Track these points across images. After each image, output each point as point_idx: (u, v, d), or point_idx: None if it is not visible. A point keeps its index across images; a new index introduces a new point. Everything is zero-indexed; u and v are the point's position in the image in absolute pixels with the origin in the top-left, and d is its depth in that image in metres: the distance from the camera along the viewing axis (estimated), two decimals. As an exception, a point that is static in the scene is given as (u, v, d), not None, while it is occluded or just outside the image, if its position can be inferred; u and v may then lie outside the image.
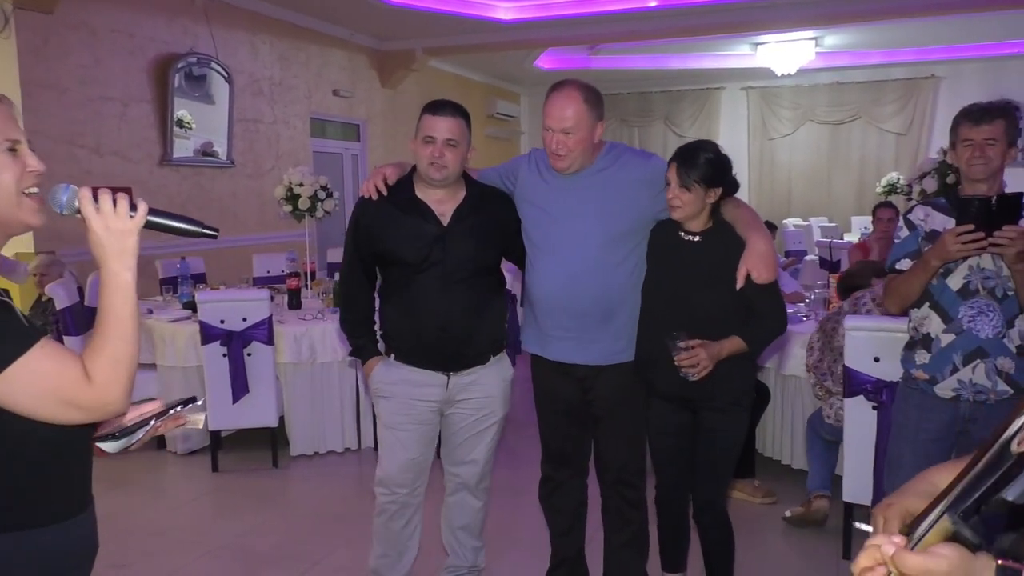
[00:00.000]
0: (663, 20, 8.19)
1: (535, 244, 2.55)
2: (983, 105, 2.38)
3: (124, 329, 1.28)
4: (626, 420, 2.62)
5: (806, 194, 12.15)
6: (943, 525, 0.84)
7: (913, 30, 9.26)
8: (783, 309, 2.48)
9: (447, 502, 2.81)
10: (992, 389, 2.38)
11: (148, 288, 5.88)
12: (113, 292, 1.28)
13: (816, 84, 11.73)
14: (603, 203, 2.46)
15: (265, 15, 7.47)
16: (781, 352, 4.05)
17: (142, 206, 1.31)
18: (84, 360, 1.25)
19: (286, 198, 5.56)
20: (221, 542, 3.58)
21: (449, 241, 2.48)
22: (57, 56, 5.55)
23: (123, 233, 1.29)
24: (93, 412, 1.27)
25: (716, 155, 2.40)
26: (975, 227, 2.21)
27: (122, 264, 1.29)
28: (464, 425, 2.66)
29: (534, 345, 2.65)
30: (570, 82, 2.44)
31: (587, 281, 2.46)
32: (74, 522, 1.37)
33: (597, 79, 12.52)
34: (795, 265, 7.84)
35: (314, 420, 4.63)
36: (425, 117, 2.47)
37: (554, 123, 2.39)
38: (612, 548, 2.76)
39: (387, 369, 2.61)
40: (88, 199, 1.29)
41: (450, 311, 2.49)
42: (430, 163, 2.44)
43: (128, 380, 1.28)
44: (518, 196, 2.60)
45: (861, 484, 3.19)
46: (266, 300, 4.40)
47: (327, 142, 8.80)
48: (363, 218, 2.57)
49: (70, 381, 1.23)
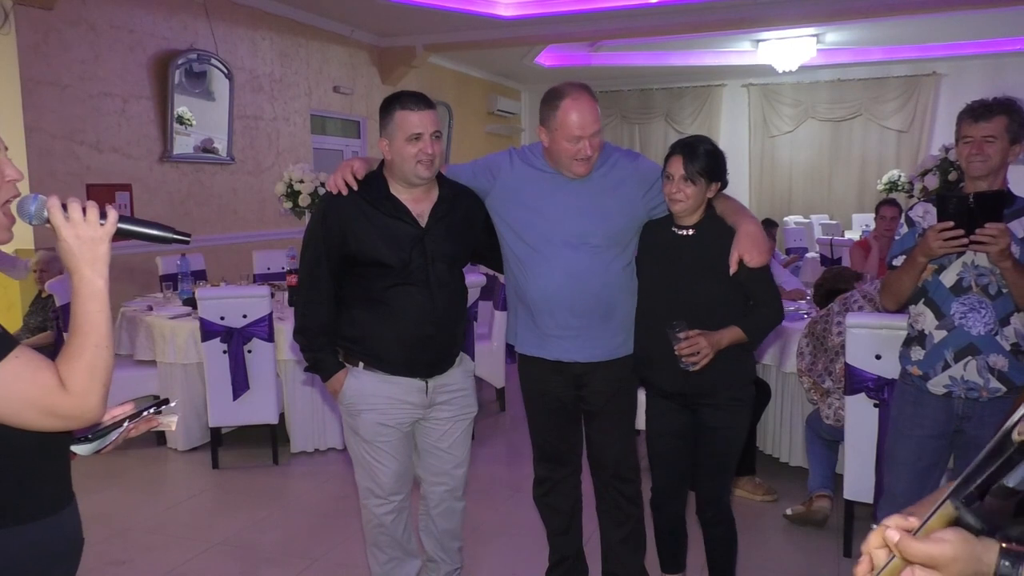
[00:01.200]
0: (664, 16, 8.18)
1: (530, 245, 2.48)
2: (985, 102, 2.37)
3: (99, 336, 1.28)
4: (619, 414, 2.61)
5: (807, 191, 12.14)
6: (946, 511, 0.85)
7: (914, 27, 9.25)
8: (779, 297, 2.49)
9: (431, 514, 2.68)
10: (984, 387, 2.38)
11: (148, 285, 5.88)
12: (87, 299, 1.29)
13: (817, 81, 11.72)
14: (603, 202, 2.45)
15: (265, 11, 7.46)
16: (782, 349, 4.05)
17: (112, 213, 1.32)
18: (59, 368, 1.25)
19: (286, 195, 5.56)
20: (221, 538, 3.58)
21: (428, 242, 2.38)
22: (57, 52, 5.54)
23: (94, 241, 1.29)
24: (71, 420, 1.28)
25: (715, 148, 2.41)
26: (955, 224, 2.22)
27: (95, 271, 1.29)
28: (446, 430, 2.56)
29: (530, 346, 2.59)
30: (583, 87, 2.41)
31: (589, 280, 2.45)
32: (57, 518, 1.36)
33: (598, 76, 12.55)
34: (796, 262, 7.84)
35: (314, 417, 4.63)
36: (403, 113, 2.31)
37: (583, 130, 2.35)
38: (611, 544, 2.75)
39: (358, 381, 2.45)
40: (57, 208, 1.28)
41: (435, 317, 2.40)
42: (418, 161, 2.31)
43: (105, 387, 1.28)
44: (500, 197, 2.52)
45: (862, 482, 3.19)
46: (266, 297, 4.39)
47: (327, 139, 8.79)
48: (333, 216, 2.38)
49: (46, 390, 1.22)
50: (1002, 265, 2.26)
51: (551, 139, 2.41)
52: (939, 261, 2.40)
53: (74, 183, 5.60)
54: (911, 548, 0.84)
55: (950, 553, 0.83)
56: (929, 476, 2.50)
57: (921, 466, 2.49)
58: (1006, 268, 2.26)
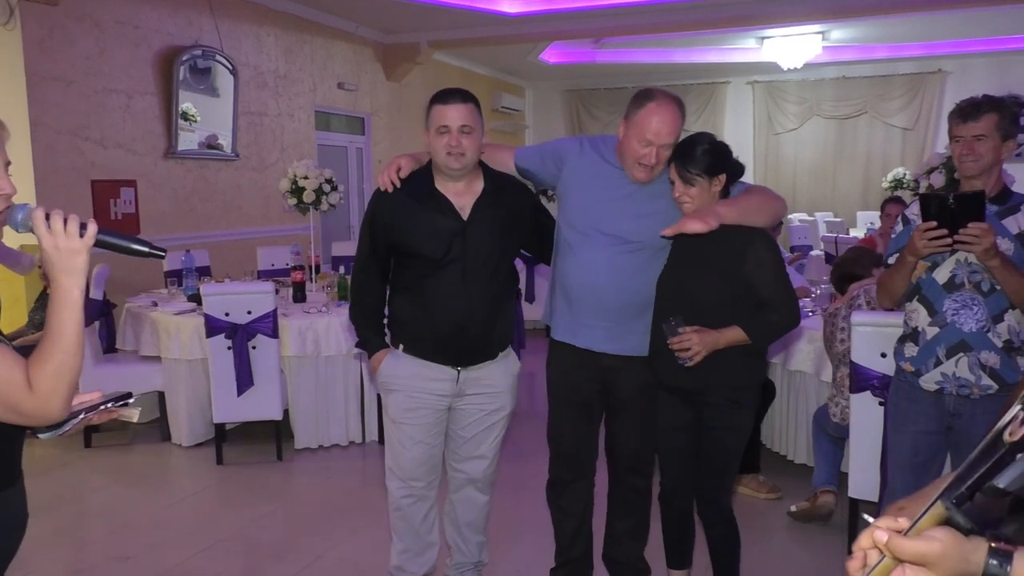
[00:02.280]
0: (668, 14, 8.16)
1: (581, 233, 2.52)
2: (975, 100, 2.37)
3: (69, 343, 1.33)
4: (642, 411, 2.63)
5: (812, 189, 12.12)
6: (937, 510, 0.87)
7: (920, 24, 9.21)
8: (793, 303, 2.42)
9: (452, 499, 2.77)
10: (975, 383, 2.38)
11: (153, 281, 5.88)
12: (61, 308, 1.34)
13: (822, 78, 11.69)
14: (656, 206, 2.47)
15: (270, 8, 7.46)
16: (787, 347, 4.04)
17: (91, 227, 1.37)
18: (29, 369, 1.31)
19: (291, 191, 5.56)
20: (225, 534, 3.58)
21: (469, 235, 2.46)
22: (62, 48, 5.55)
23: (72, 252, 1.35)
24: (32, 419, 1.35)
25: (712, 144, 2.40)
26: (938, 224, 2.23)
27: (71, 281, 1.35)
28: (473, 420, 2.64)
29: (564, 333, 2.62)
30: (669, 96, 2.41)
31: (631, 276, 2.48)
32: (10, 492, 1.45)
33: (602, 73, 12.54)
34: (800, 260, 7.83)
35: (318, 413, 4.64)
36: (436, 108, 2.43)
37: (657, 138, 2.37)
38: (615, 534, 2.79)
39: (395, 362, 2.58)
40: (40, 219, 1.34)
41: (469, 308, 2.47)
42: (447, 152, 2.40)
43: (69, 391, 1.34)
44: (566, 182, 2.57)
45: (867, 480, 3.18)
46: (271, 293, 4.39)
47: (332, 135, 8.79)
48: (380, 211, 2.54)
49: (14, 387, 1.29)
50: (989, 263, 2.27)
51: (626, 135, 2.44)
52: (932, 259, 2.41)
53: (79, 179, 5.61)
54: (902, 547, 0.86)
55: (940, 551, 0.85)
56: (927, 471, 2.51)
57: (918, 461, 2.51)
58: (994, 266, 2.27)
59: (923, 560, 0.85)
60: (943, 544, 0.85)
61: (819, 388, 3.95)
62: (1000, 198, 2.41)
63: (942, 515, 0.87)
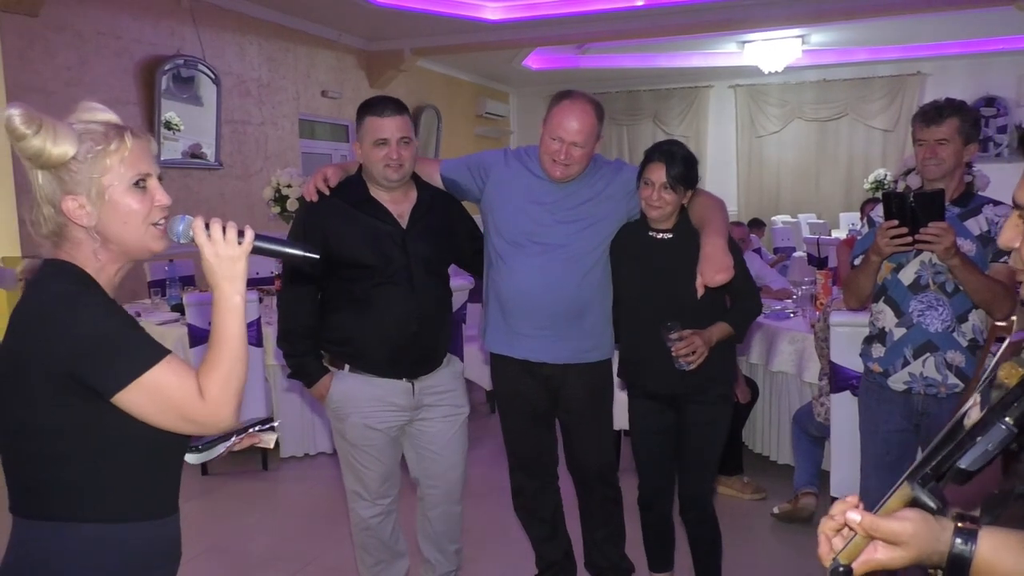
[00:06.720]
0: (650, 19, 8.21)
1: (511, 243, 2.50)
2: (937, 104, 2.41)
3: (235, 348, 1.35)
4: (596, 419, 2.63)
5: (794, 191, 12.19)
6: (903, 491, 0.93)
7: (899, 27, 9.31)
8: (755, 288, 2.57)
9: (428, 516, 2.69)
10: (942, 383, 2.43)
11: (136, 291, 5.86)
12: (226, 314, 1.36)
13: (803, 82, 11.77)
14: (589, 211, 2.49)
15: (252, 16, 7.45)
16: (769, 348, 4.08)
17: (249, 233, 1.39)
18: (199, 377, 1.33)
19: (275, 199, 5.55)
20: (211, 544, 3.57)
21: (410, 242, 2.42)
22: (43, 59, 5.53)
23: (232, 259, 1.37)
24: (204, 427, 1.36)
25: (690, 154, 2.44)
26: (900, 223, 2.27)
27: (233, 288, 1.37)
28: (438, 431, 2.58)
29: (500, 344, 2.60)
30: (584, 96, 2.45)
31: (564, 283, 2.47)
32: (156, 524, 1.42)
33: (585, 78, 12.56)
34: (783, 262, 7.88)
35: (304, 421, 4.63)
36: (371, 119, 2.38)
37: (566, 135, 2.39)
38: (595, 542, 2.79)
39: (344, 385, 2.47)
40: (201, 229, 1.36)
41: (420, 315, 2.43)
42: (386, 165, 2.37)
43: (238, 398, 1.35)
44: (491, 193, 2.55)
45: (848, 479, 3.20)
46: (254, 302, 4.39)
47: (316, 143, 8.78)
48: (313, 219, 2.42)
49: (188, 396, 1.31)
50: (949, 263, 2.30)
51: (542, 133, 2.46)
52: (897, 259, 2.45)
53: (61, 190, 5.57)
54: (876, 526, 0.91)
55: (911, 530, 0.91)
56: (900, 469, 2.53)
57: (889, 460, 2.54)
58: (954, 266, 2.30)
59: (895, 538, 0.91)
60: (914, 523, 0.91)
61: (801, 389, 3.99)
62: (962, 200, 2.45)
63: (908, 496, 0.93)
